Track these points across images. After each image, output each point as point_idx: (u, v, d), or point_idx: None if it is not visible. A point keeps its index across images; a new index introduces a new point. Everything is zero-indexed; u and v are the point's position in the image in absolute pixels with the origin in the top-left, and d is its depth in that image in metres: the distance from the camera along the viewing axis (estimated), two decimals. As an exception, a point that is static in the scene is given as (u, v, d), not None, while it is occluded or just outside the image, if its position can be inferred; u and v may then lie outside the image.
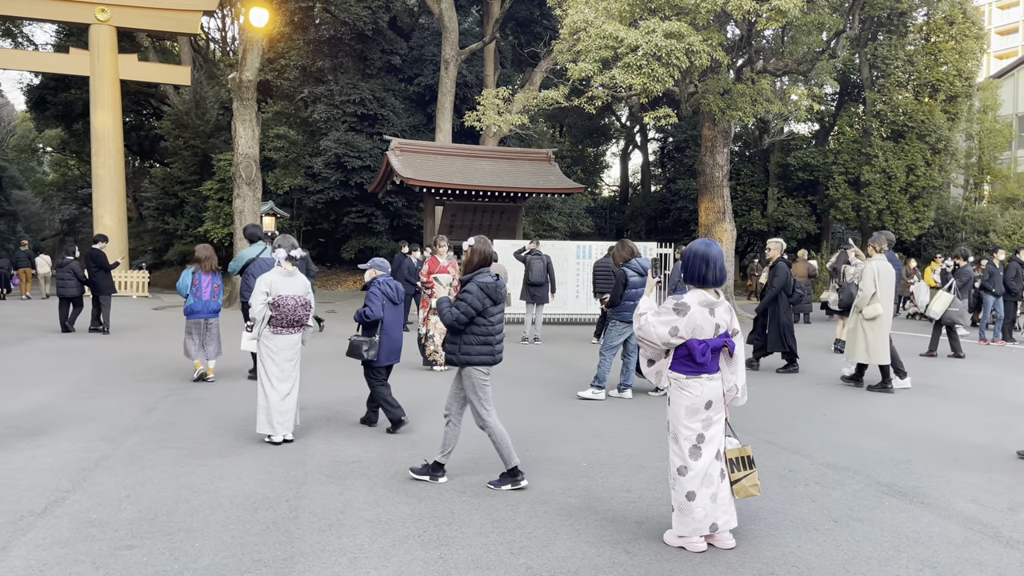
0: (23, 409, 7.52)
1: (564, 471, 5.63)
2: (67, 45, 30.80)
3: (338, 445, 6.30)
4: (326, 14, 29.01)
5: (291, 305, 6.33)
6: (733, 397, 4.27)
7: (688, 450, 4.14)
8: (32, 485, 5.11)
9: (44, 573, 3.76)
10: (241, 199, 20.40)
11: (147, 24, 27.27)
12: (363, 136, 27.21)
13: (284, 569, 3.85)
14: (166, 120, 32.83)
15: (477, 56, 29.49)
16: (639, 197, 41.33)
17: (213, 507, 4.73)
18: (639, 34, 15.26)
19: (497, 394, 8.56)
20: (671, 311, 4.14)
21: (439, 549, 4.13)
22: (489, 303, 5.18)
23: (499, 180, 20.58)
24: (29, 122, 50.01)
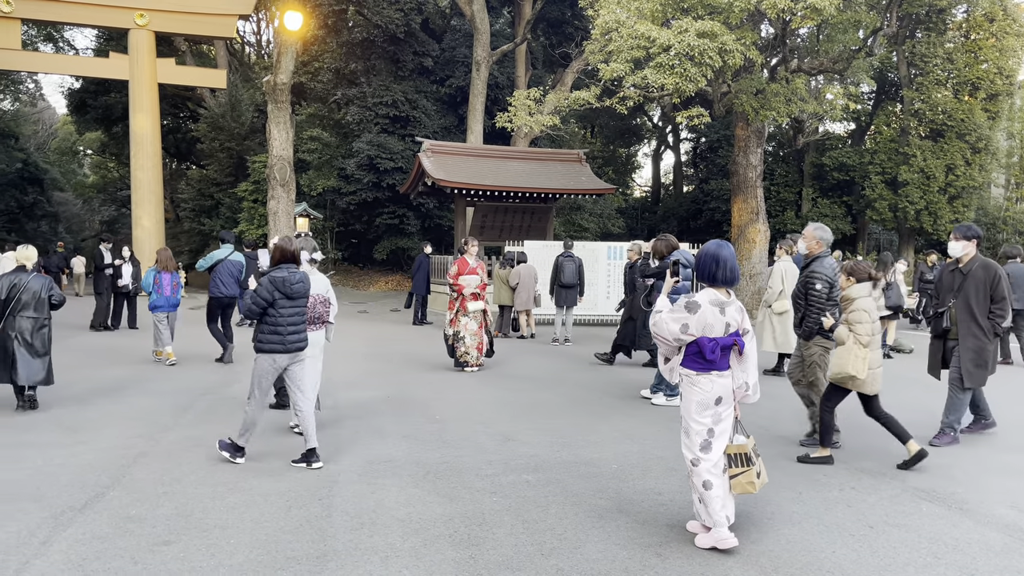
0: (63, 406, 7.69)
1: (595, 473, 5.62)
2: (107, 49, 31.41)
3: (369, 444, 6.35)
4: (359, 17, 29.25)
5: (311, 303, 6.50)
6: (744, 394, 4.33)
7: (699, 444, 4.24)
8: (73, 481, 5.22)
9: (84, 567, 3.84)
10: (275, 200, 20.63)
11: (184, 29, 27.70)
12: (395, 138, 27.39)
13: (317, 567, 3.89)
14: (202, 123, 33.34)
15: (508, 57, 29.53)
16: (671, 198, 41.08)
17: (247, 505, 4.80)
18: (671, 34, 15.16)
19: (528, 395, 8.61)
20: (683, 309, 4.25)
21: (470, 549, 4.15)
22: (279, 296, 5.61)
23: (530, 181, 20.59)
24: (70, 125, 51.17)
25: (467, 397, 8.52)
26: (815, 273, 6.34)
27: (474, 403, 8.16)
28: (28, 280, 7.56)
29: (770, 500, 5.00)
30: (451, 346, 10.44)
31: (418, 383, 9.39)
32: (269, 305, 5.61)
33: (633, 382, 9.54)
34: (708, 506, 4.21)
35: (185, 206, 35.01)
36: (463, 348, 10.27)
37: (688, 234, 32.73)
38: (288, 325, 5.69)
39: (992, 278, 6.42)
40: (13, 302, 7.45)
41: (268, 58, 40.08)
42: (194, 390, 8.71)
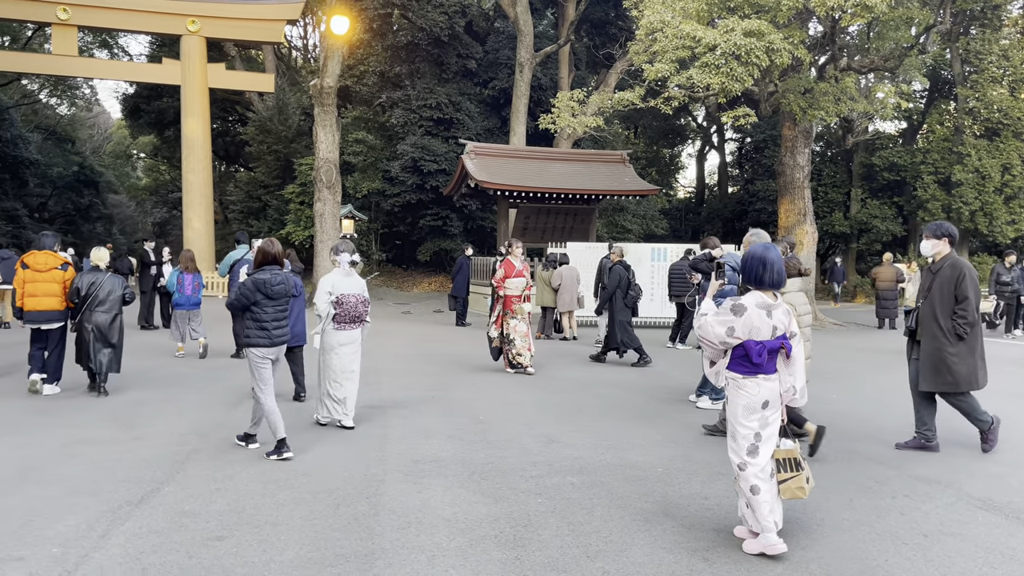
0: (121, 402, 7.91)
1: (640, 476, 5.59)
2: (160, 56, 32.26)
3: (415, 444, 6.41)
4: (404, 20, 29.54)
5: (352, 302, 6.84)
6: (791, 398, 4.29)
7: (746, 448, 4.19)
8: (129, 476, 5.37)
9: (140, 561, 3.95)
10: (321, 202, 20.95)
11: (234, 34, 28.33)
12: (439, 140, 27.58)
13: (365, 565, 3.95)
14: (251, 126, 33.99)
15: (552, 59, 29.53)
16: (715, 198, 40.65)
17: (297, 502, 4.88)
18: (717, 33, 15.01)
19: (571, 397, 8.60)
20: (728, 312, 4.21)
21: (515, 550, 4.16)
22: (260, 296, 5.98)
23: (573, 182, 20.56)
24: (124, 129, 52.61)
25: (510, 398, 8.55)
26: None
27: (517, 404, 8.18)
28: (103, 279, 8.41)
29: (820, 506, 4.92)
30: (495, 348, 10.44)
31: (461, 383, 9.45)
32: (252, 304, 5.96)
33: (678, 385, 9.47)
34: (756, 511, 4.16)
35: (234, 208, 35.72)
36: (514, 350, 10.22)
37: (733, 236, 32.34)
38: (272, 321, 6.05)
39: (956, 277, 6.17)
40: (90, 299, 8.27)
41: (315, 62, 40.69)
42: (242, 388, 8.88)
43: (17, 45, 38.16)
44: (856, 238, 30.49)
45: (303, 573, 3.83)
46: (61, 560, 3.93)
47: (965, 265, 6.23)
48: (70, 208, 45.52)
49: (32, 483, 5.18)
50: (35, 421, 7.06)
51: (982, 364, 6.26)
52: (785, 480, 4.18)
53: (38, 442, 6.27)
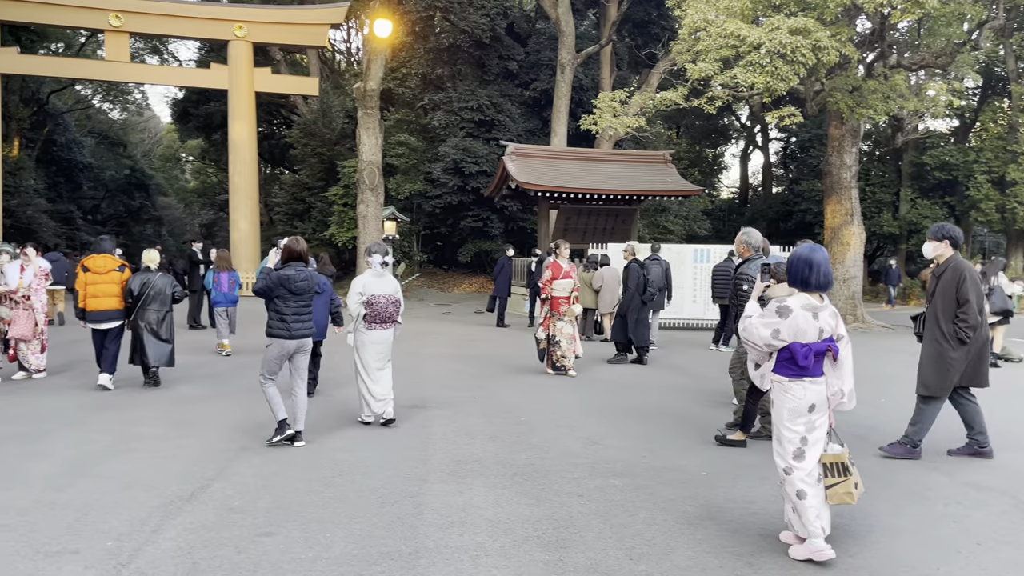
0: (171, 400, 8.10)
1: (683, 479, 5.55)
2: (208, 61, 32.93)
3: (457, 444, 6.45)
4: (446, 23, 29.72)
5: (383, 303, 6.97)
6: (838, 402, 4.22)
7: (792, 452, 4.14)
8: (180, 472, 5.50)
9: (191, 555, 4.04)
10: (364, 204, 21.20)
11: (280, 39, 28.79)
12: (480, 142, 27.68)
13: (409, 563, 3.98)
14: (295, 129, 34.51)
15: (593, 59, 29.44)
16: (760, 199, 40.11)
17: (342, 500, 4.95)
18: (762, 32, 14.81)
19: (613, 399, 8.56)
20: (774, 314, 4.16)
21: (558, 552, 4.16)
22: (283, 291, 6.22)
23: (614, 183, 20.47)
24: (173, 133, 53.89)
25: (551, 399, 8.54)
26: (743, 275, 6.88)
27: (558, 406, 8.18)
28: (155, 279, 8.91)
29: (869, 513, 4.83)
30: (542, 350, 10.41)
31: (502, 384, 9.47)
32: (270, 292, 6.23)
33: (722, 388, 9.36)
34: (802, 516, 4.09)
35: (279, 210, 36.29)
36: (559, 352, 10.18)
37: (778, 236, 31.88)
38: (292, 315, 6.29)
39: (957, 280, 6.01)
40: (144, 297, 8.75)
41: (358, 65, 41.15)
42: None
43: (71, 51, 39.30)
44: (905, 239, 29.82)
45: (349, 570, 3.88)
46: (115, 553, 4.04)
47: (967, 267, 6.07)
48: (122, 210, 46.76)
49: (87, 478, 5.33)
50: (90, 418, 7.26)
51: (985, 366, 6.14)
52: (833, 485, 4.11)
53: (93, 438, 6.45)
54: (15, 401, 7.98)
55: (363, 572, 3.86)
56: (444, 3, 27.89)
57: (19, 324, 9.10)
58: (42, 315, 9.37)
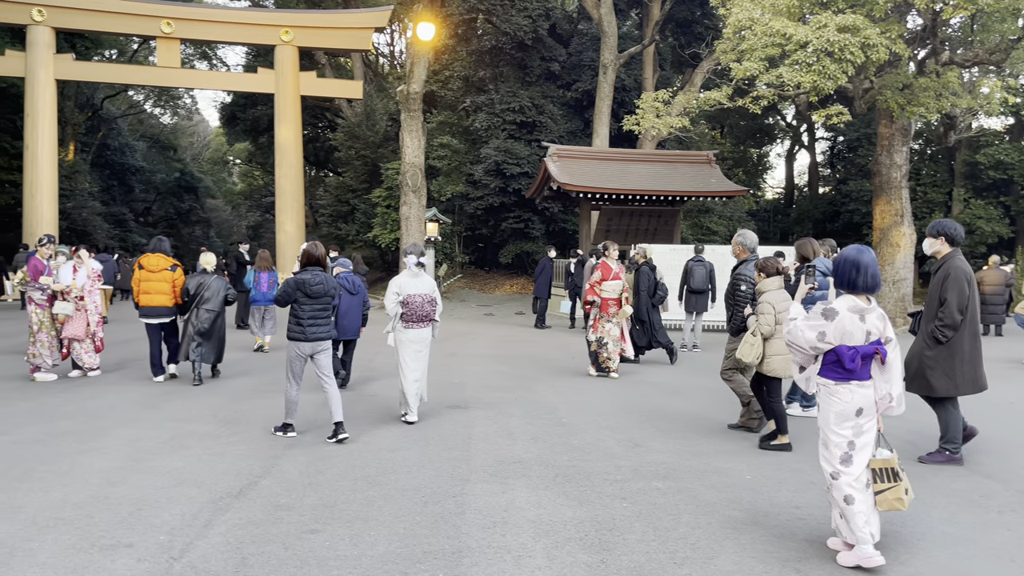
0: (220, 398, 8.28)
1: (727, 483, 5.49)
2: (255, 65, 33.54)
3: (499, 445, 6.47)
4: (488, 25, 29.82)
5: (419, 302, 7.16)
6: (887, 406, 4.15)
7: (839, 457, 4.09)
8: (229, 469, 5.62)
9: (241, 551, 4.13)
10: (407, 206, 21.37)
11: (325, 43, 29.18)
12: (521, 143, 27.71)
13: (453, 562, 4.01)
14: (340, 132, 34.95)
15: (635, 60, 29.27)
16: (806, 199, 39.43)
17: (386, 499, 5.00)
18: (809, 29, 14.57)
19: (655, 402, 8.50)
20: (819, 316, 4.11)
21: (601, 554, 4.15)
22: (301, 295, 6.47)
23: (657, 183, 20.32)
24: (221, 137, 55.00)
25: (593, 401, 8.52)
26: (740, 276, 7.01)
27: (600, 408, 8.15)
28: (211, 280, 9.39)
29: (920, 519, 4.72)
30: (593, 352, 10.36)
31: (543, 385, 9.47)
32: (291, 300, 6.50)
33: (766, 391, 9.24)
34: (850, 522, 4.03)
35: (323, 212, 36.80)
36: (605, 353, 10.10)
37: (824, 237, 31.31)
38: (308, 319, 6.52)
39: (943, 278, 5.89)
40: (199, 298, 9.21)
41: (401, 68, 41.53)
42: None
43: (124, 58, 40.37)
44: (959, 240, 29.00)
45: (393, 568, 3.92)
46: (168, 547, 4.15)
47: (955, 266, 5.90)
48: (172, 212, 47.90)
49: (140, 473, 5.47)
50: (143, 415, 7.45)
51: (969, 369, 5.91)
52: (882, 491, 4.03)
53: (146, 435, 6.62)
54: (71, 399, 8.23)
55: (407, 570, 3.90)
56: (487, 5, 28.00)
57: (72, 324, 9.39)
58: (95, 316, 9.64)
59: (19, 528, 4.38)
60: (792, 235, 35.95)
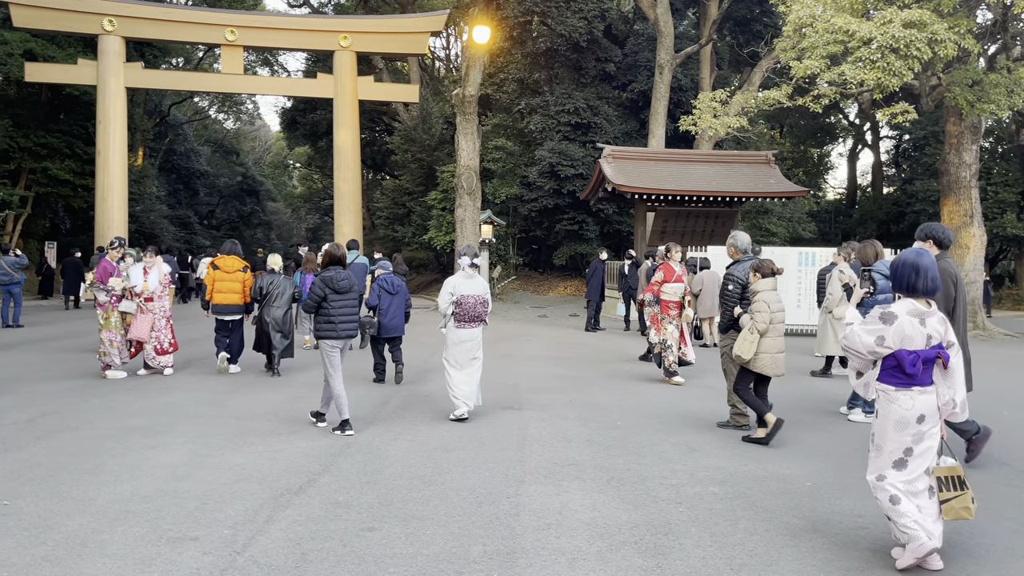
0: (282, 397, 8.47)
1: (787, 489, 5.39)
2: (314, 71, 34.20)
3: (553, 447, 6.47)
4: (543, 27, 29.84)
5: (471, 303, 7.36)
6: (950, 412, 4.07)
7: (893, 462, 4.03)
8: (289, 467, 5.75)
9: (300, 546, 4.22)
10: (462, 208, 21.53)
11: (382, 48, 29.58)
12: (576, 145, 27.65)
13: (507, 563, 4.03)
14: (396, 135, 35.38)
15: (692, 59, 28.93)
16: (869, 200, 38.41)
17: (441, 498, 5.05)
18: (873, 26, 14.20)
19: (711, 405, 8.39)
20: (877, 320, 4.06)
21: (656, 558, 4.12)
22: (329, 291, 6.79)
23: (714, 184, 20.05)
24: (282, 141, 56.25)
25: (648, 404, 8.45)
26: (729, 276, 7.29)
27: (655, 411, 8.08)
28: (280, 279, 10.02)
29: (988, 531, 4.56)
30: (656, 354, 10.23)
31: (598, 388, 9.43)
32: (323, 299, 6.80)
33: (829, 397, 9.04)
34: (897, 521, 3.96)
35: (380, 214, 37.30)
36: (671, 357, 9.92)
37: (889, 239, 30.50)
38: (339, 315, 6.83)
39: None
40: (268, 296, 9.84)
41: (457, 72, 41.84)
42: (388, 386, 9.28)
43: (190, 66, 41.61)
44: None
45: (448, 567, 3.96)
46: (231, 541, 4.27)
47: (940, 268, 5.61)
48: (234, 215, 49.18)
49: (205, 469, 5.64)
50: (208, 412, 7.68)
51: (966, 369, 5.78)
52: (948, 500, 3.95)
53: (211, 431, 6.82)
54: (140, 396, 8.53)
55: (462, 570, 3.94)
56: (542, 8, 28.02)
57: (136, 325, 9.76)
58: (163, 319, 9.94)
59: (91, 520, 4.56)
60: (854, 236, 35.03)
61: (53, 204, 32.16)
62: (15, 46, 26.71)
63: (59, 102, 30.84)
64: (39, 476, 5.41)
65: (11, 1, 24.59)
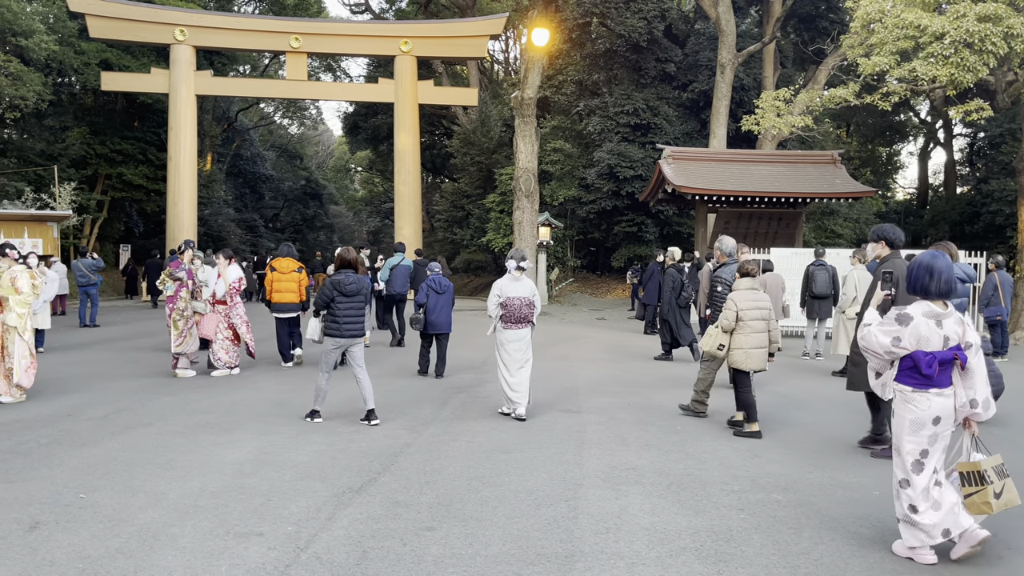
0: (342, 397, 8.62)
1: (854, 498, 5.24)
2: (376, 76, 34.76)
3: (612, 450, 6.43)
4: (602, 28, 29.72)
5: (517, 305, 7.58)
6: (971, 412, 4.12)
7: (911, 464, 4.12)
8: (351, 466, 5.85)
9: (362, 544, 4.29)
10: (520, 211, 21.58)
11: (442, 52, 29.92)
12: (635, 146, 27.44)
13: (566, 566, 4.02)
14: (455, 139, 35.70)
15: (755, 58, 28.42)
16: (941, 200, 37.09)
17: (500, 500, 5.07)
18: (946, 20, 13.73)
19: (774, 411, 8.22)
20: (893, 321, 4.17)
21: (717, 565, 4.06)
22: (337, 294, 7.19)
23: (777, 185, 19.63)
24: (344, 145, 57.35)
25: (709, 409, 8.31)
26: (716, 278, 7.85)
27: (715, 415, 7.95)
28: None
29: None
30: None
31: (656, 391, 9.33)
32: (331, 300, 7.19)
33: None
34: (915, 526, 4.11)
35: (439, 217, 37.67)
36: None
37: (962, 240, 29.43)
38: (344, 317, 7.23)
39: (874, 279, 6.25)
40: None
41: (515, 74, 41.96)
42: (450, 387, 9.36)
43: (256, 73, 42.74)
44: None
45: (507, 569, 3.97)
46: (295, 538, 4.37)
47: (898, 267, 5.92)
48: (298, 218, 50.29)
49: (270, 466, 5.78)
50: (273, 410, 7.87)
51: None
52: (970, 495, 4.06)
53: (276, 429, 6.99)
54: (209, 394, 8.79)
55: (520, 572, 3.94)
56: (601, 9, 27.90)
57: (204, 323, 10.09)
58: (244, 325, 10.15)
59: (162, 514, 4.72)
60: (926, 238, 33.90)
61: (127, 208, 33.42)
62: (92, 56, 27.85)
63: (133, 110, 32.04)
64: (114, 470, 5.62)
65: (88, 12, 25.65)
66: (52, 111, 29.09)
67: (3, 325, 8.19)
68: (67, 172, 27.40)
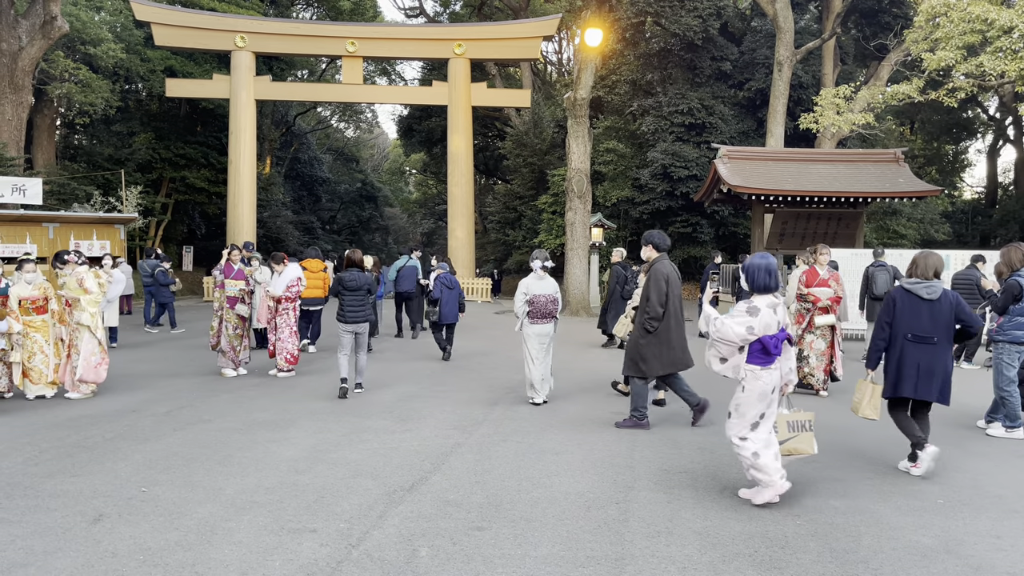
0: (394, 397, 8.72)
1: (916, 506, 5.07)
2: (430, 79, 35.11)
3: (664, 453, 6.35)
4: (656, 27, 29.45)
5: (543, 301, 8.13)
6: (789, 377, 5.10)
7: (750, 424, 4.98)
8: (402, 464, 5.90)
9: (412, 543, 4.32)
10: (572, 212, 21.50)
11: (495, 54, 30.03)
12: (690, 145, 27.11)
13: (616, 569, 3.98)
14: (508, 140, 35.77)
15: (814, 55, 27.82)
16: (1011, 199, 35.75)
17: (550, 501, 5.05)
18: (1014, 13, 13.23)
19: (833, 417, 8.03)
20: (745, 313, 4.93)
21: (771, 572, 3.97)
22: (342, 288, 8.67)
23: (836, 184, 19.15)
24: (398, 148, 57.98)
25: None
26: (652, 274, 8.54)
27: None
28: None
29: None
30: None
31: (711, 395, 9.15)
32: (336, 292, 8.76)
33: (965, 410, 8.45)
34: (761, 470, 4.91)
35: (492, 218, 37.80)
36: (806, 368, 9.31)
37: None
38: (348, 307, 8.65)
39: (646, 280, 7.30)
40: None
41: (568, 75, 41.88)
42: (499, 387, 9.38)
43: (313, 77, 43.54)
44: None
45: (556, 570, 3.96)
46: (347, 534, 4.42)
47: (655, 268, 7.05)
48: (354, 220, 51.05)
49: (323, 464, 5.87)
50: (327, 409, 8.00)
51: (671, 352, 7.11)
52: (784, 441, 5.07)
53: (329, 427, 7.10)
54: (265, 392, 8.98)
55: (569, 573, 3.92)
56: (655, 8, 27.65)
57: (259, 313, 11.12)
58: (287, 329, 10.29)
59: (219, 508, 4.83)
60: (995, 238, 32.72)
61: (190, 211, 34.40)
62: (157, 63, 28.76)
63: (196, 115, 32.97)
64: (174, 465, 5.78)
65: (154, 21, 26.48)
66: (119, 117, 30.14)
67: (76, 324, 8.50)
68: (133, 176, 28.33)
